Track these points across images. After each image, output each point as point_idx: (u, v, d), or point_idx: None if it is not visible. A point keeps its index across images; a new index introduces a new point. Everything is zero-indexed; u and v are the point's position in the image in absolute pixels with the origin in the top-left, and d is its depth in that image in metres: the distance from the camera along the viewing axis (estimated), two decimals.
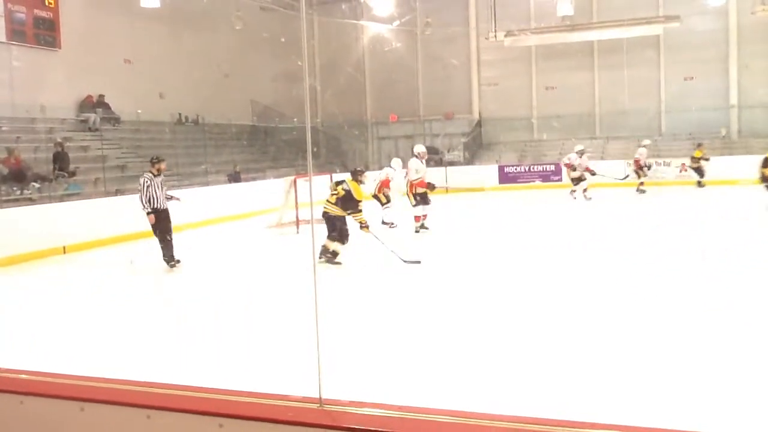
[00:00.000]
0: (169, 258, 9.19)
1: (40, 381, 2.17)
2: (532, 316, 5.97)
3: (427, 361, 4.88)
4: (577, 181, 16.23)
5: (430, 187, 11.79)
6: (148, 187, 9.09)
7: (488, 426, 1.68)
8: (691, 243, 9.65)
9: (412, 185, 11.64)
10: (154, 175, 9.25)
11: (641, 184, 17.87)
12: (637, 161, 17.98)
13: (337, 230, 8.95)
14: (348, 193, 8.99)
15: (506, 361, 4.79)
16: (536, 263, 8.74)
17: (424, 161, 11.87)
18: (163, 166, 9.45)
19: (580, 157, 16.34)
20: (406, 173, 11.93)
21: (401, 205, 12.69)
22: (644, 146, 18.37)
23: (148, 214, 9.08)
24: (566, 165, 16.60)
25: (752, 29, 20.85)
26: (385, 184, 12.73)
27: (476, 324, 5.83)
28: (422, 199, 11.64)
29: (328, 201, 9.14)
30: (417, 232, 11.58)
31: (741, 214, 12.68)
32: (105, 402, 1.97)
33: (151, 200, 9.08)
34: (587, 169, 16.40)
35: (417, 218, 11.71)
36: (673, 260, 8.38)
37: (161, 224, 9.16)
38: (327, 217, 9.02)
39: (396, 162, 13.27)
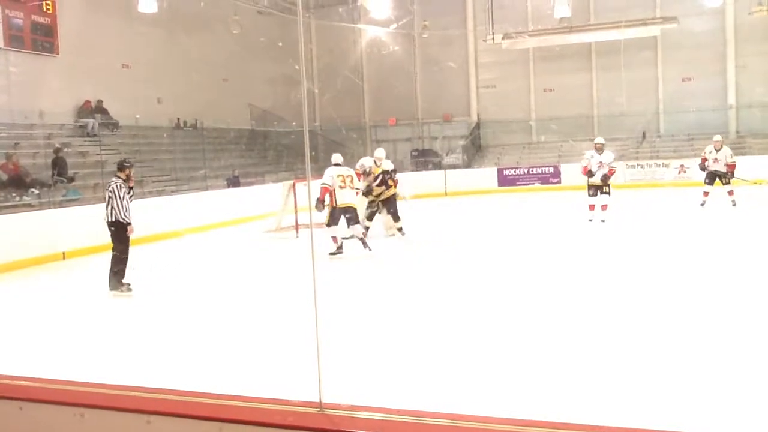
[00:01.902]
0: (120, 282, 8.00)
1: (40, 387, 2.17)
2: (530, 319, 5.97)
3: (427, 365, 4.88)
4: (594, 191, 12.32)
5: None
6: (124, 194, 7.95)
7: (488, 429, 1.68)
8: (690, 243, 9.66)
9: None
10: (123, 181, 8.11)
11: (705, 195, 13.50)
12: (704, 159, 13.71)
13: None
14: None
15: (505, 364, 4.79)
16: (535, 265, 8.74)
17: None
18: (132, 171, 8.37)
19: (600, 153, 12.36)
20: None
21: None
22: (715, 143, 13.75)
23: (128, 225, 7.98)
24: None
25: (749, 29, 20.88)
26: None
27: (475, 327, 5.83)
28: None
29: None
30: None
31: (739, 214, 12.68)
32: (105, 408, 1.97)
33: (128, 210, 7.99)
34: (610, 173, 12.34)
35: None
36: (672, 260, 8.38)
37: (126, 238, 8.05)
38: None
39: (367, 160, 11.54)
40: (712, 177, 13.54)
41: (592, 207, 12.42)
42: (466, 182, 21.25)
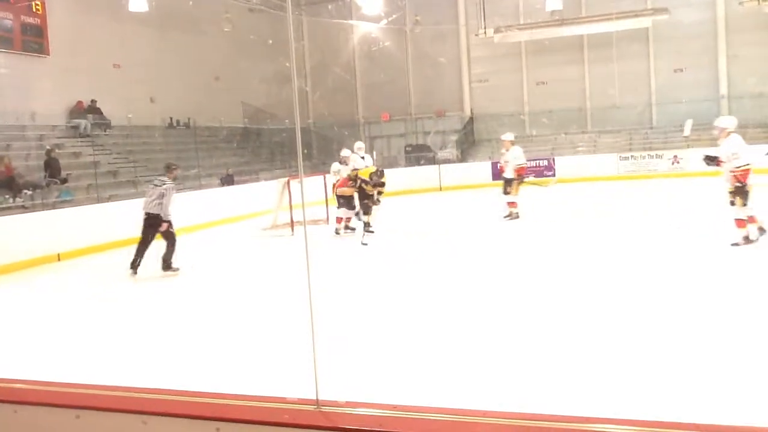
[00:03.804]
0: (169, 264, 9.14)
1: (35, 389, 2.16)
2: (526, 312, 5.98)
3: (423, 361, 4.89)
4: (507, 185, 12.42)
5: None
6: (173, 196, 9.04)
7: (484, 423, 1.68)
8: (683, 236, 9.68)
9: (334, 186, 11.77)
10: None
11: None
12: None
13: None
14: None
15: (502, 358, 4.79)
16: (530, 258, 8.76)
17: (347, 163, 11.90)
18: (178, 173, 9.63)
19: (507, 150, 12.37)
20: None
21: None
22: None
23: (165, 222, 8.94)
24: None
25: (740, 19, 20.93)
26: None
27: (471, 322, 5.84)
28: (346, 203, 11.65)
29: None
30: (337, 233, 11.64)
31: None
32: (100, 409, 1.96)
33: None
34: (519, 173, 12.28)
35: (339, 220, 11.80)
36: (669, 253, 8.40)
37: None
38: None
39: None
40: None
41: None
42: (461, 177, 21.26)
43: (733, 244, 8.11)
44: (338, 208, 11.79)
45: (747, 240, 8.12)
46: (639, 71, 22.62)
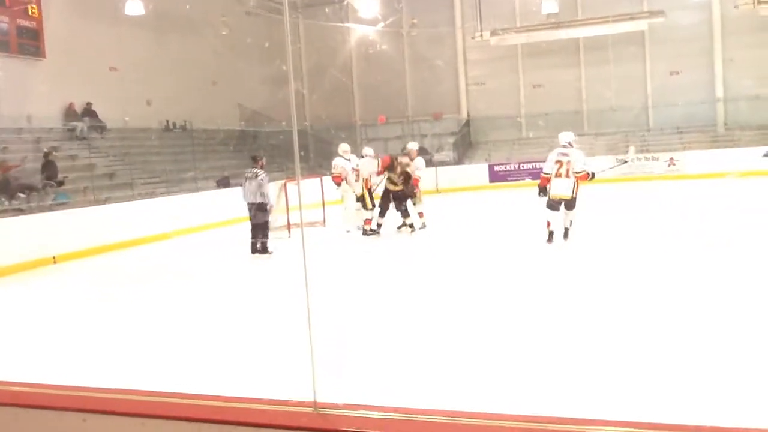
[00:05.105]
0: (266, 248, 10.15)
1: (40, 393, 2.15)
2: (525, 313, 5.99)
3: (423, 362, 4.89)
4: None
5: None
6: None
7: (487, 425, 1.68)
8: (680, 237, 9.70)
9: (369, 187, 11.79)
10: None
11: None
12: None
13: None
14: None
15: (503, 360, 4.80)
16: (529, 260, 8.76)
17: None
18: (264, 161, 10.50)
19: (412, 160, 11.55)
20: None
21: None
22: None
23: (271, 206, 10.14)
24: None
25: (736, 22, 20.99)
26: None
27: (472, 323, 5.84)
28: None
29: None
30: (370, 233, 11.62)
31: (726, 206, 12.75)
32: (102, 412, 1.96)
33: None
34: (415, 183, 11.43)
35: (368, 221, 11.73)
36: (667, 255, 8.42)
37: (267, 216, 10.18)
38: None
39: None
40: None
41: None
42: (458, 179, 21.27)
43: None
44: (372, 208, 11.73)
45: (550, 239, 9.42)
46: (635, 74, 22.67)
